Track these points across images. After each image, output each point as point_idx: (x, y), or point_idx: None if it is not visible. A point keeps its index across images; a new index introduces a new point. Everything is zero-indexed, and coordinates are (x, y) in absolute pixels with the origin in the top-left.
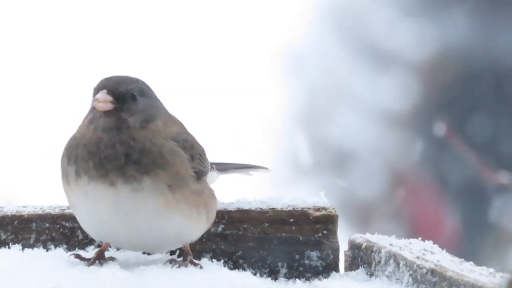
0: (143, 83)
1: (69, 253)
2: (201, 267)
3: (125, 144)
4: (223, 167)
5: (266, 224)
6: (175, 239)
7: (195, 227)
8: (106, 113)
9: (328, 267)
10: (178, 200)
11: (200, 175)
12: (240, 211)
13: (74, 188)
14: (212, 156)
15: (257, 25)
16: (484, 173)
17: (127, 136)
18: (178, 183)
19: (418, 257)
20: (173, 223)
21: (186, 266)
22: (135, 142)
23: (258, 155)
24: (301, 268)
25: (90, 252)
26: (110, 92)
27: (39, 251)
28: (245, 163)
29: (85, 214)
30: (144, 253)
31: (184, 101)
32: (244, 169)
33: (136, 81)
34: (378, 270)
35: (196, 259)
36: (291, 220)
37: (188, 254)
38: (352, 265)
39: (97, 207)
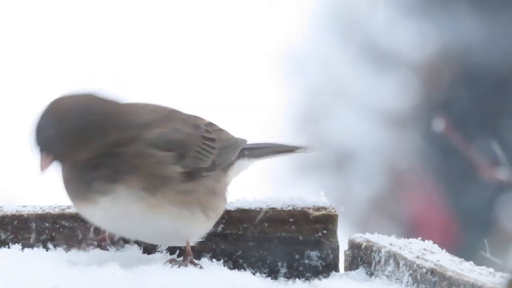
0: (65, 110)
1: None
2: (201, 267)
3: (76, 171)
4: (257, 152)
5: (266, 224)
6: (174, 236)
7: (192, 225)
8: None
9: (328, 267)
10: (162, 202)
11: (196, 172)
12: (240, 211)
13: (74, 207)
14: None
15: (257, 25)
16: (484, 172)
17: (71, 168)
18: (156, 185)
19: (418, 257)
20: (163, 223)
21: (186, 266)
22: (81, 167)
23: None
24: (301, 268)
25: (90, 252)
26: (45, 153)
27: (39, 251)
28: (286, 145)
29: (92, 222)
30: (144, 252)
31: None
32: (285, 153)
33: (52, 123)
34: (378, 270)
35: (196, 259)
36: (291, 219)
37: (188, 254)
38: (352, 265)
39: (95, 220)
